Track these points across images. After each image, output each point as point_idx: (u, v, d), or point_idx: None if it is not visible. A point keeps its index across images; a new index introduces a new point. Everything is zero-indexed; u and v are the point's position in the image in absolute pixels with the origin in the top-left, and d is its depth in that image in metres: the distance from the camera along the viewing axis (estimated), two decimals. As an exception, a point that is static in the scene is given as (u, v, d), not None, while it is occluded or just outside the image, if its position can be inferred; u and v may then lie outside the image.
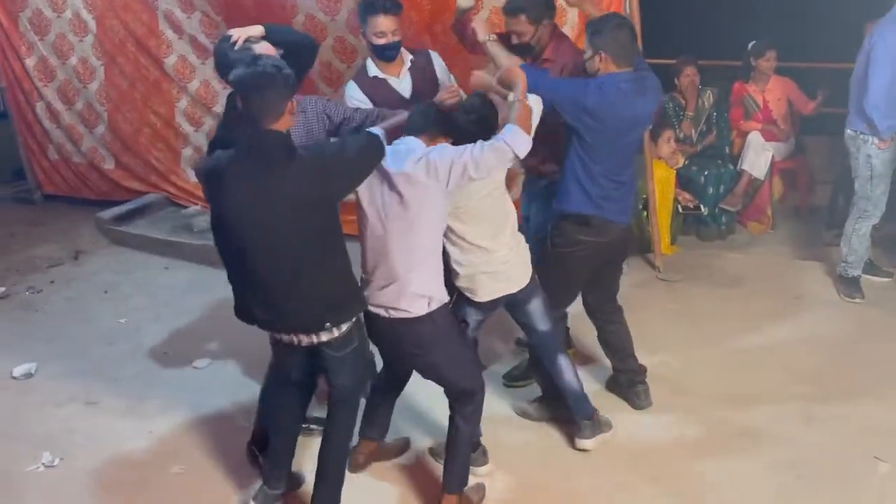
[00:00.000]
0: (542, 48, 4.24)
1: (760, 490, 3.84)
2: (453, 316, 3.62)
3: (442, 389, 3.70)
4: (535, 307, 3.93)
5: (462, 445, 3.69)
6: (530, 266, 3.86)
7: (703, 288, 5.81)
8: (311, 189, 3.14)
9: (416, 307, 3.41)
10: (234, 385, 4.79)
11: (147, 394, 4.74)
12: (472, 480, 3.82)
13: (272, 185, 3.11)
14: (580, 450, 4.13)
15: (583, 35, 4.69)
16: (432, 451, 4.14)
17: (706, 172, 6.58)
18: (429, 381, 3.70)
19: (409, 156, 3.33)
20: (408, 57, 4.31)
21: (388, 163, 3.34)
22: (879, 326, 5.20)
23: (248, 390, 4.68)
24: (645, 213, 6.08)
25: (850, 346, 5.00)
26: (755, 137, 6.69)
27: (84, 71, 7.27)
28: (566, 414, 4.23)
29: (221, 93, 6.80)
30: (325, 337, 3.35)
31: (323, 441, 3.64)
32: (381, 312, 3.46)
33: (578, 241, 4.02)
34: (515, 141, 3.31)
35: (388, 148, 3.38)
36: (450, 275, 3.65)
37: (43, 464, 4.17)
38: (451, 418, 3.69)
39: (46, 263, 6.60)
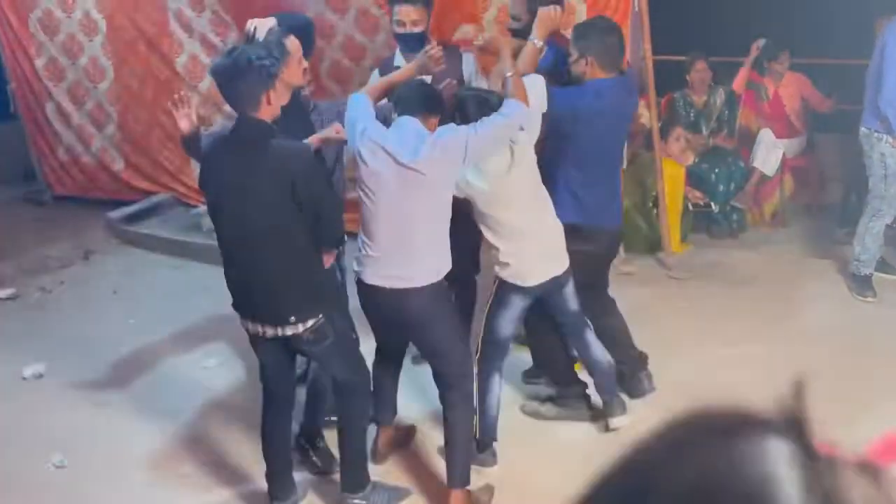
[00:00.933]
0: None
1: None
2: (438, 297, 3.58)
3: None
4: (570, 287, 3.97)
5: (459, 436, 3.67)
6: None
7: (714, 286, 5.78)
8: (284, 179, 3.17)
9: (424, 277, 3.45)
10: (243, 385, 4.79)
11: (157, 394, 4.75)
12: (481, 480, 3.82)
13: (248, 169, 3.19)
14: (614, 429, 4.16)
15: None
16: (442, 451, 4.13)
17: (717, 170, 6.55)
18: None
19: (419, 144, 3.32)
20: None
21: (399, 154, 3.33)
22: (892, 324, 5.16)
23: (258, 390, 4.66)
24: (655, 211, 6.05)
25: (862, 344, 4.96)
26: (766, 134, 6.65)
27: (94, 71, 7.28)
28: (577, 412, 4.26)
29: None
30: (289, 331, 3.35)
31: (338, 432, 3.67)
32: (383, 284, 3.47)
33: (572, 252, 3.94)
34: (516, 112, 3.43)
35: (392, 135, 3.38)
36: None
37: (53, 464, 4.17)
38: (445, 413, 3.69)
39: (57, 264, 6.61)
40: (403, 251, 3.41)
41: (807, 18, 6.87)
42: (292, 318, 3.33)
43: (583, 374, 4.37)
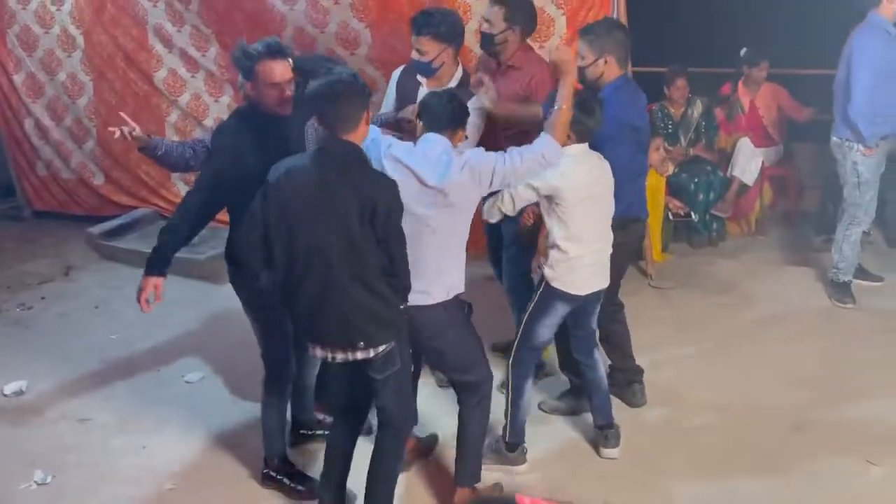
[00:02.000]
0: (509, 55, 4.30)
1: (752, 499, 3.83)
2: (461, 307, 3.62)
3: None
4: (599, 305, 4.02)
5: (471, 438, 3.69)
6: None
7: (695, 295, 5.82)
8: (369, 205, 3.13)
9: (438, 294, 3.45)
10: (226, 399, 4.78)
11: (140, 410, 4.72)
12: (493, 478, 3.87)
13: (334, 190, 3.14)
14: (607, 458, 4.15)
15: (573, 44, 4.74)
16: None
17: (696, 179, 6.60)
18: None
19: (448, 164, 3.32)
20: (455, 79, 4.31)
21: (425, 175, 3.32)
22: (869, 331, 5.22)
23: (241, 405, 4.67)
24: (636, 221, 6.09)
25: (841, 351, 5.01)
26: (745, 143, 6.72)
27: (73, 86, 7.26)
28: (570, 408, 4.43)
29: (212, 105, 6.81)
30: (360, 355, 3.29)
31: (370, 465, 3.55)
32: (420, 300, 3.47)
33: (621, 243, 4.02)
34: (548, 149, 3.43)
35: (418, 154, 3.38)
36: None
37: (35, 482, 4.13)
38: (460, 411, 3.70)
39: (37, 280, 6.57)
40: (417, 268, 3.35)
41: (785, 29, 6.93)
42: (361, 343, 3.27)
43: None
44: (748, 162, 6.65)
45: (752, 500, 3.82)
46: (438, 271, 3.44)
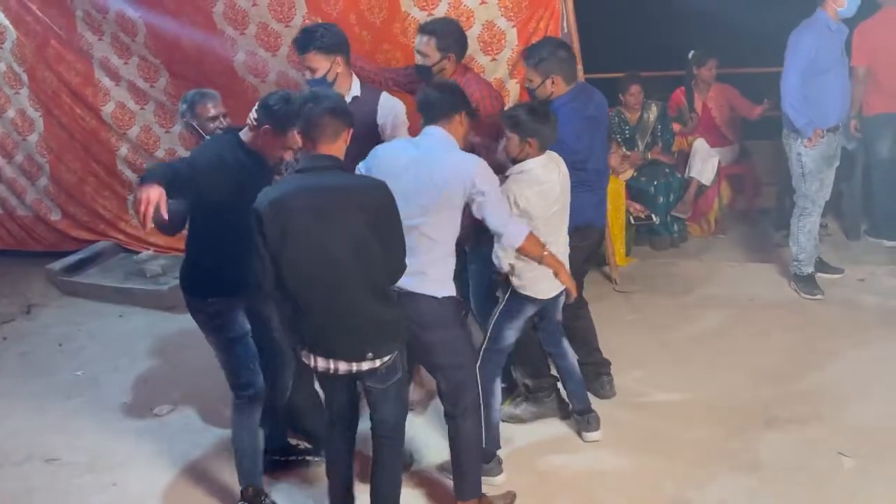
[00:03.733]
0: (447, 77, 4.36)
1: (727, 496, 3.86)
2: (459, 311, 3.68)
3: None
4: (562, 299, 4.07)
5: (465, 448, 3.68)
6: None
7: (660, 297, 5.86)
8: (377, 206, 3.22)
9: (429, 288, 3.51)
10: (196, 430, 4.72)
11: (108, 446, 4.65)
12: (494, 489, 3.86)
13: (330, 201, 3.21)
14: (590, 441, 4.25)
15: (520, 63, 4.81)
16: (441, 468, 4.14)
17: (655, 182, 6.66)
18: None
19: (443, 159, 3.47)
20: (353, 92, 4.32)
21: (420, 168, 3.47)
22: (832, 323, 5.29)
23: (211, 434, 4.62)
24: (598, 227, 6.12)
25: (806, 344, 5.07)
26: (701, 144, 6.79)
27: (22, 123, 7.14)
28: (550, 408, 4.45)
29: (163, 137, 6.73)
30: (365, 366, 3.33)
31: (371, 480, 3.57)
32: (404, 286, 3.51)
33: (577, 246, 4.16)
34: (510, 235, 3.58)
35: (421, 145, 3.54)
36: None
37: (4, 526, 4.07)
38: (449, 423, 3.70)
39: (-3, 320, 6.48)
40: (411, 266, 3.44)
41: (733, 29, 7.02)
42: (370, 353, 3.31)
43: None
44: (705, 162, 6.73)
45: (728, 497, 3.85)
46: (428, 266, 3.50)
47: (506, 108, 4.29)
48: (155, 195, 3.23)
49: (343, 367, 3.33)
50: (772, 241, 6.52)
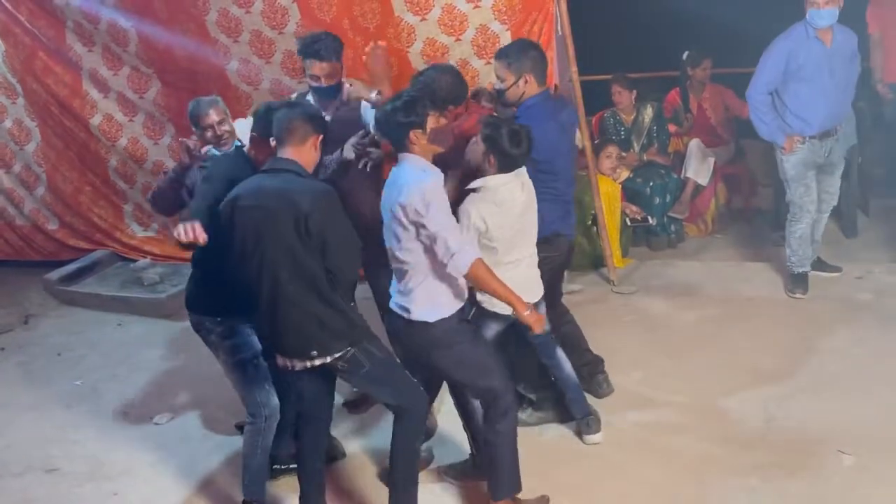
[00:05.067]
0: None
1: (728, 495, 3.86)
2: (464, 324, 3.66)
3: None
4: (543, 310, 4.04)
5: (500, 449, 3.69)
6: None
7: (658, 298, 5.86)
8: (307, 214, 3.30)
9: (419, 314, 3.52)
10: (196, 438, 4.73)
11: (108, 455, 4.65)
12: (534, 493, 3.87)
13: (277, 209, 3.34)
14: (591, 444, 4.28)
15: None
16: (444, 471, 4.15)
17: (651, 183, 6.66)
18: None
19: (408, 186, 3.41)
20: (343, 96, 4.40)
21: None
22: (830, 321, 5.28)
23: (211, 442, 4.62)
24: (595, 229, 6.13)
25: (804, 342, 5.06)
26: (697, 144, 6.80)
27: (19, 133, 7.15)
28: (556, 415, 4.44)
29: (151, 148, 6.73)
30: (317, 362, 3.46)
31: (391, 456, 3.68)
32: (401, 312, 3.57)
33: (546, 257, 4.11)
34: (458, 262, 3.38)
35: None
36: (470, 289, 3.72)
37: (4, 537, 4.07)
38: (485, 426, 3.72)
39: (-4, 331, 6.47)
40: (402, 284, 3.55)
41: (727, 30, 7.03)
42: (314, 352, 3.45)
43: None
44: (701, 162, 6.73)
45: (728, 495, 3.85)
46: (415, 288, 3.51)
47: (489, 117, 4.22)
48: (200, 234, 3.49)
49: (298, 364, 3.48)
50: (769, 240, 6.52)
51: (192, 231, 3.48)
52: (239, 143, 4.00)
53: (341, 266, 3.43)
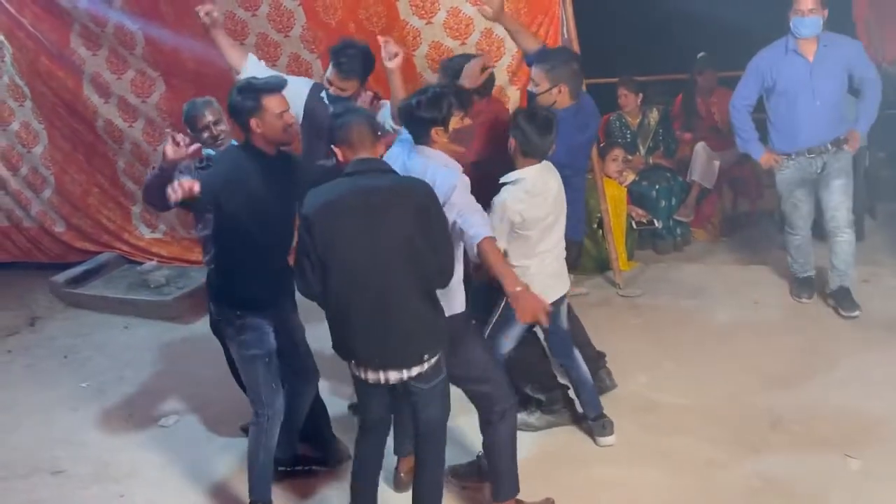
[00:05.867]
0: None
1: (733, 498, 3.85)
2: (471, 324, 3.67)
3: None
4: (565, 306, 4.09)
5: (501, 451, 3.69)
6: None
7: (664, 301, 5.86)
8: (428, 205, 3.26)
9: None
10: (202, 440, 4.73)
11: (115, 457, 4.66)
12: (538, 495, 3.87)
13: (392, 206, 3.24)
14: (604, 445, 4.26)
15: (520, 69, 4.81)
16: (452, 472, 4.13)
17: (657, 186, 6.66)
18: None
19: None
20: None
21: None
22: (837, 325, 5.27)
23: (217, 444, 4.63)
24: (600, 232, 6.13)
25: (811, 346, 5.05)
26: (702, 148, 6.79)
27: (27, 135, 7.16)
28: (563, 418, 4.42)
29: (152, 155, 6.72)
30: (415, 371, 3.34)
31: (414, 482, 3.61)
32: None
33: None
34: (478, 229, 3.34)
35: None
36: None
37: (11, 540, 4.08)
38: (484, 428, 3.71)
39: (2, 333, 6.47)
40: None
41: (735, 33, 7.01)
42: (426, 355, 3.34)
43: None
44: (706, 165, 6.72)
45: (735, 499, 3.84)
46: None
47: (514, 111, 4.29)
48: (191, 186, 3.41)
49: (394, 376, 3.33)
50: (775, 243, 6.49)
51: (181, 188, 3.38)
52: (235, 143, 3.96)
53: (450, 263, 3.38)
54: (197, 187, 3.43)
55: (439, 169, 3.44)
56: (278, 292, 3.84)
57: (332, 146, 3.45)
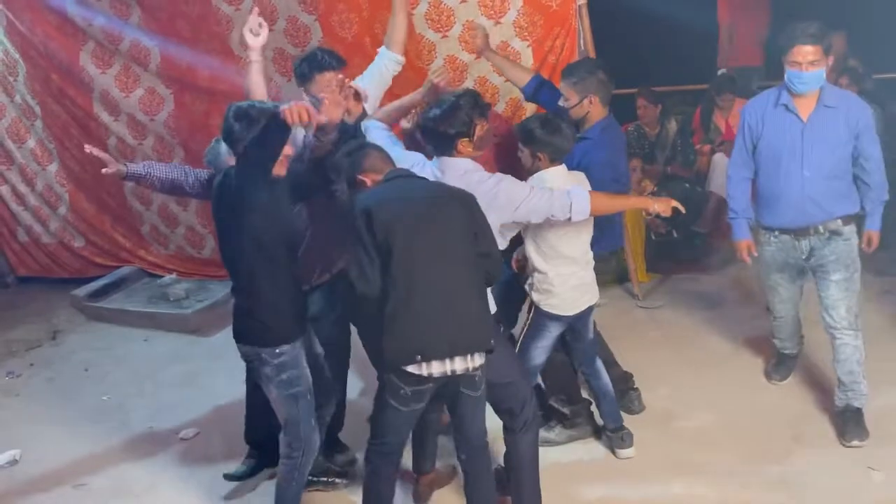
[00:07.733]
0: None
1: (758, 512, 3.83)
2: (499, 329, 3.68)
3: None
4: (592, 316, 4.11)
5: (524, 463, 3.67)
6: None
7: (683, 312, 5.83)
8: (474, 212, 3.38)
9: None
10: (222, 454, 4.72)
11: (135, 471, 4.67)
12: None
13: (448, 207, 3.36)
14: (624, 458, 4.24)
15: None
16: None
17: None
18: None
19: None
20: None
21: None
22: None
23: (235, 459, 4.62)
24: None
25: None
26: (720, 159, 6.76)
27: (42, 153, 7.19)
28: (584, 431, 4.42)
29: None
30: (478, 361, 3.35)
31: (475, 491, 3.62)
32: None
33: None
34: (582, 206, 3.55)
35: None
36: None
37: (33, 553, 4.09)
38: (507, 436, 3.70)
39: (24, 346, 6.52)
40: None
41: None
42: (492, 341, 3.39)
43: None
44: (725, 177, 6.67)
45: (756, 514, 3.82)
46: None
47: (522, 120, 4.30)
48: (311, 112, 3.21)
49: (460, 365, 3.30)
50: (794, 253, 6.45)
51: (304, 110, 3.13)
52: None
53: (495, 260, 3.46)
54: (316, 116, 3.28)
55: (467, 180, 3.52)
56: (305, 309, 3.77)
57: (357, 177, 3.50)
